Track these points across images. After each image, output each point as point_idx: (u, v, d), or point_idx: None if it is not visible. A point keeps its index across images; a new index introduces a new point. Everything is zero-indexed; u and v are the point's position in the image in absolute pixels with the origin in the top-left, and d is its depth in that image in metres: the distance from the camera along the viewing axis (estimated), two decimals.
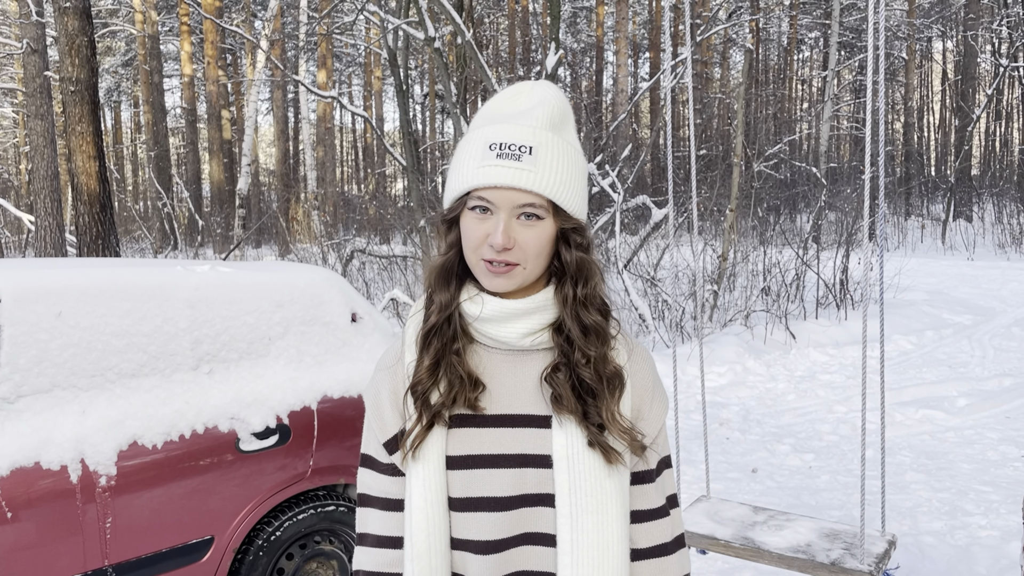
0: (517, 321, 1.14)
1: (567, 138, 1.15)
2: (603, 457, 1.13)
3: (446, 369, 1.14)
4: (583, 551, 1.11)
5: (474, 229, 1.11)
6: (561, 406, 1.13)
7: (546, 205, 1.10)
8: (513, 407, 1.16)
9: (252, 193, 24.03)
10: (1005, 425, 5.71)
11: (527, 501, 1.14)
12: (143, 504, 2.60)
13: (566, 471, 1.12)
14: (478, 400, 1.15)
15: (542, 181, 1.09)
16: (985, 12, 23.73)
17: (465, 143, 1.15)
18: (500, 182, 1.08)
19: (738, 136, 9.57)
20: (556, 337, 1.15)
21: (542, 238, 1.11)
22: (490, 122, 1.14)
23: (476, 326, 1.16)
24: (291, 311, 3.06)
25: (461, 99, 10.08)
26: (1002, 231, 17.52)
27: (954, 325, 9.06)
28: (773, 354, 7.90)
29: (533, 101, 1.14)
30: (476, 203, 1.10)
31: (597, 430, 1.13)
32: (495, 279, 1.11)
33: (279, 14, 22.24)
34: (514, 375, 1.17)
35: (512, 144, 1.10)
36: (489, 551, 1.13)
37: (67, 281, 2.64)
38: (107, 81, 33.83)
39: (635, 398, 1.19)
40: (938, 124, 31.14)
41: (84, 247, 7.20)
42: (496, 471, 1.13)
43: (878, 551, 2.77)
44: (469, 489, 1.14)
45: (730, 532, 2.98)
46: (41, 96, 10.78)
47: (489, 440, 1.14)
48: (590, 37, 33.21)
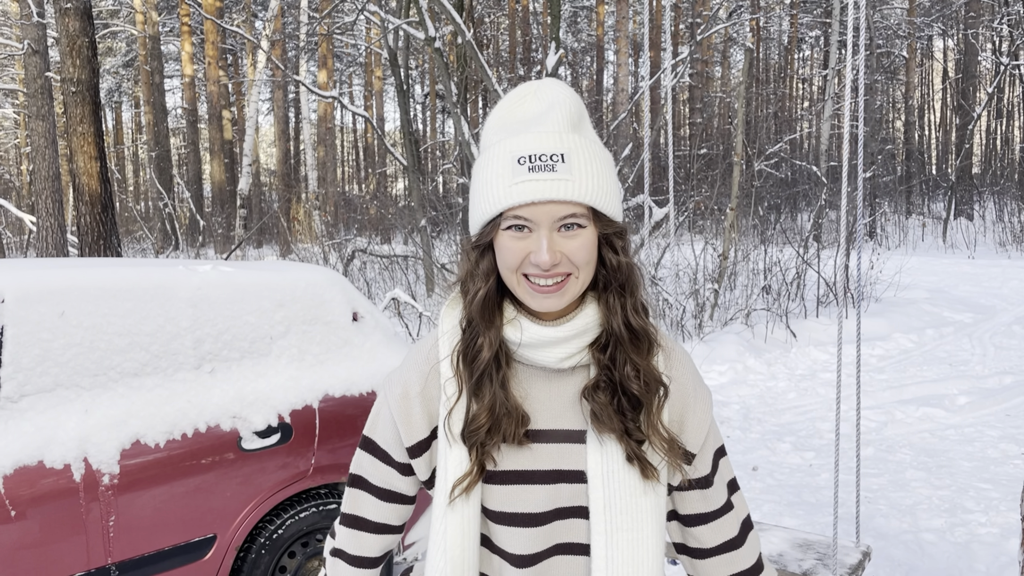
0: (556, 347, 1.10)
1: (590, 137, 1.10)
2: (640, 473, 1.11)
3: (499, 409, 1.11)
4: (618, 567, 1.10)
5: (512, 249, 1.05)
6: (601, 424, 1.11)
7: (587, 213, 1.05)
8: (548, 423, 1.14)
9: (253, 193, 24.06)
10: (1005, 423, 5.72)
11: (560, 514, 1.13)
12: (146, 502, 2.61)
13: (601, 488, 1.10)
14: (523, 432, 1.12)
15: (582, 189, 1.04)
16: (985, 10, 23.72)
17: (487, 161, 1.08)
18: (540, 197, 1.02)
19: (739, 135, 9.58)
20: (597, 354, 1.12)
21: (588, 246, 1.06)
22: (509, 134, 1.08)
23: (517, 351, 1.12)
24: (292, 310, 3.07)
25: (462, 99, 10.09)
26: (1003, 229, 17.53)
27: (955, 323, 9.07)
28: (774, 352, 7.91)
29: (545, 103, 1.08)
30: (512, 223, 1.05)
31: (636, 445, 1.11)
32: (545, 299, 1.06)
33: (280, 14, 22.26)
34: (549, 392, 1.15)
35: (543, 155, 1.04)
36: (525, 564, 1.14)
37: (70, 281, 2.66)
38: (108, 82, 33.86)
39: (677, 402, 1.17)
40: (939, 122, 31.14)
41: (86, 247, 7.22)
42: (532, 487, 1.12)
43: (851, 562, 2.74)
44: (506, 504, 1.13)
45: None
46: (42, 97, 10.80)
47: (525, 457, 1.13)
48: (591, 36, 33.21)
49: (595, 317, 1.11)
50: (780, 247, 10.32)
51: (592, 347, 1.12)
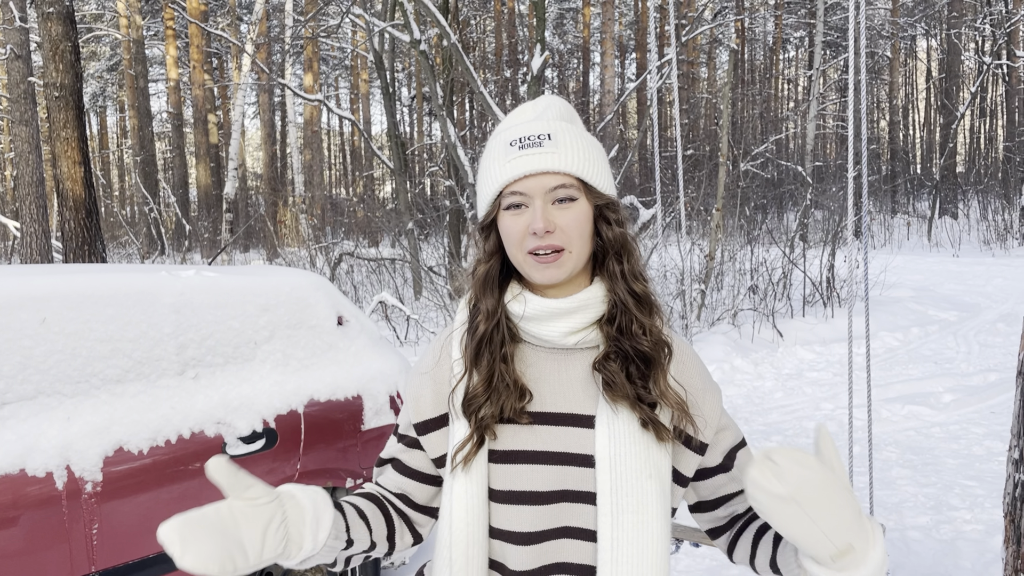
0: (559, 320, 1.16)
1: (580, 127, 1.20)
2: (654, 437, 1.15)
3: (497, 380, 1.17)
4: (623, 548, 1.13)
5: (513, 226, 1.14)
6: (615, 392, 1.15)
7: (576, 184, 1.14)
8: (558, 406, 1.19)
9: (239, 197, 23.97)
10: (990, 420, 5.76)
11: (567, 497, 1.17)
12: (130, 510, 2.60)
13: (608, 471, 1.14)
14: (522, 409, 1.17)
15: (566, 160, 1.13)
16: (968, 10, 23.90)
17: (487, 154, 1.20)
18: (528, 170, 1.13)
19: (724, 135, 9.61)
20: (606, 328, 1.18)
21: (580, 218, 1.14)
22: (505, 130, 1.19)
23: (522, 325, 1.19)
24: (277, 315, 3.06)
25: (448, 101, 10.09)
26: (987, 228, 17.66)
27: (940, 321, 9.13)
28: (760, 352, 7.94)
29: (541, 107, 1.20)
30: (510, 200, 1.14)
31: (649, 409, 1.16)
32: (545, 270, 1.13)
33: (264, 18, 22.18)
34: (558, 374, 1.20)
35: (531, 135, 1.15)
36: (528, 542, 1.17)
37: (51, 287, 2.64)
38: (92, 86, 33.67)
39: (683, 376, 1.22)
40: (923, 122, 31.34)
41: (70, 253, 7.17)
42: (538, 467, 1.17)
43: None
44: (511, 483, 1.17)
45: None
46: (25, 102, 10.72)
47: (533, 437, 1.17)
48: (577, 38, 33.27)
49: (600, 293, 1.18)
50: (766, 247, 10.37)
51: (599, 324, 1.18)
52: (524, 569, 1.18)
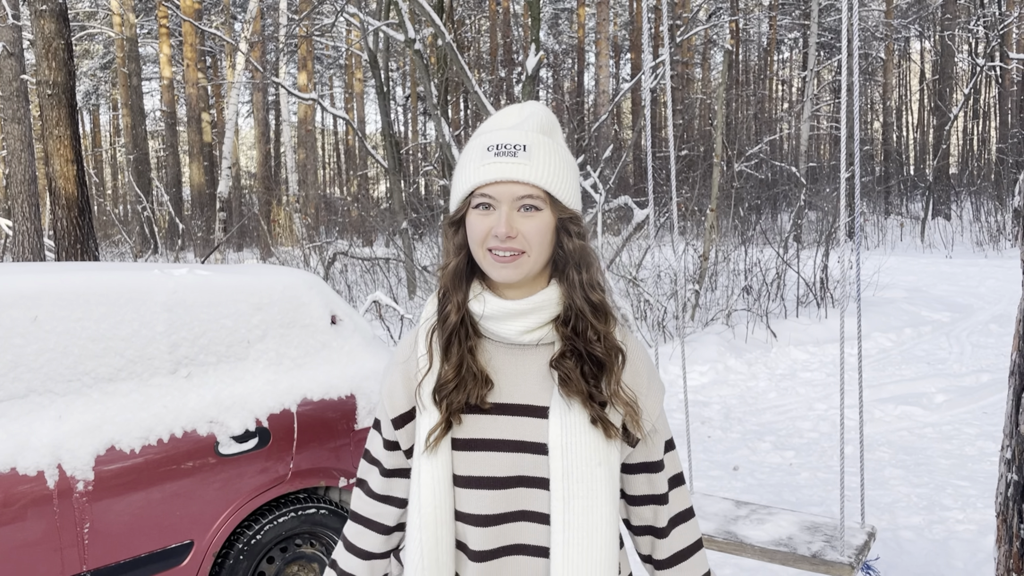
0: (515, 320, 1.25)
1: (557, 140, 1.28)
2: (603, 434, 1.24)
3: (465, 369, 1.25)
4: (573, 530, 1.22)
5: (478, 224, 1.22)
6: (570, 388, 1.23)
7: (543, 196, 1.21)
8: (514, 397, 1.27)
9: (233, 196, 23.91)
10: (983, 420, 5.78)
11: (523, 482, 1.25)
12: (121, 509, 2.59)
13: (560, 459, 1.22)
14: (486, 396, 1.26)
15: (537, 173, 1.20)
16: (962, 12, 23.98)
17: (465, 153, 1.27)
18: (499, 177, 1.20)
19: (718, 136, 9.62)
20: (562, 329, 1.26)
21: (542, 227, 1.22)
22: (486, 132, 1.27)
23: (481, 323, 1.27)
24: (270, 314, 3.05)
25: (442, 100, 10.08)
26: (980, 229, 17.70)
27: (932, 322, 9.15)
28: (754, 353, 7.94)
29: (524, 115, 1.27)
30: (479, 200, 1.22)
31: (600, 407, 1.24)
32: (503, 269, 1.21)
33: (259, 16, 22.15)
34: (515, 368, 1.28)
35: (508, 144, 1.22)
36: (488, 524, 1.25)
37: (43, 285, 2.63)
38: (85, 84, 33.55)
39: (633, 379, 1.30)
40: (916, 123, 31.43)
41: (63, 251, 7.14)
42: (496, 454, 1.25)
43: (858, 543, 2.80)
44: (471, 469, 1.25)
45: (713, 526, 2.99)
46: (18, 100, 10.67)
47: (491, 426, 1.26)
48: (571, 38, 33.27)
49: (555, 296, 1.26)
50: (760, 248, 10.38)
51: (556, 324, 1.26)
52: (484, 549, 1.26)
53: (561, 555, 1.22)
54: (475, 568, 1.27)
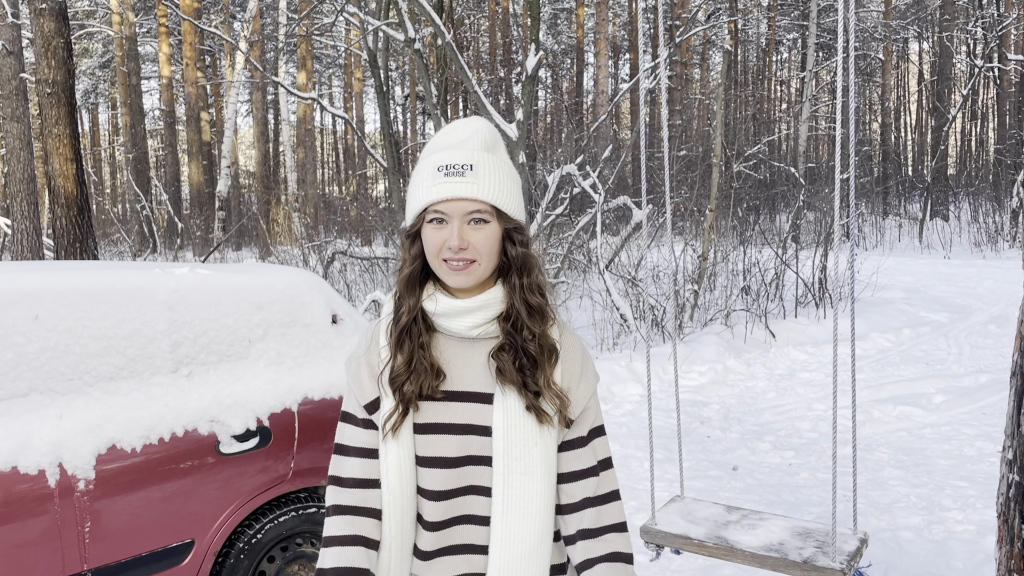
0: (465, 316, 1.41)
1: (501, 157, 1.42)
2: (536, 419, 1.40)
3: (416, 363, 1.40)
4: (512, 503, 1.39)
5: (433, 238, 1.37)
6: (504, 377, 1.40)
7: (490, 210, 1.36)
8: (463, 385, 1.43)
9: (232, 195, 23.88)
10: (981, 421, 5.78)
11: (472, 461, 1.42)
12: (122, 508, 2.58)
13: (502, 439, 1.39)
14: (438, 386, 1.42)
15: (483, 190, 1.35)
16: (960, 13, 24.00)
17: (417, 171, 1.41)
18: (450, 195, 1.35)
19: (717, 137, 9.63)
20: (503, 324, 1.41)
21: (490, 238, 1.37)
22: (435, 151, 1.40)
23: (434, 319, 1.43)
24: (271, 313, 3.05)
25: (442, 100, 10.08)
26: (978, 230, 17.71)
27: (931, 323, 9.16)
28: (753, 353, 7.95)
29: (468, 132, 1.41)
30: (433, 216, 1.37)
31: (533, 396, 1.40)
32: (457, 276, 1.37)
33: (258, 15, 22.13)
34: (464, 359, 1.44)
35: (456, 164, 1.36)
36: (441, 499, 1.42)
37: (44, 284, 2.62)
38: (84, 83, 33.51)
39: (565, 372, 1.45)
40: (915, 124, 31.45)
41: (62, 250, 7.13)
42: (449, 436, 1.41)
43: (850, 549, 2.79)
44: (428, 450, 1.42)
45: (703, 531, 2.98)
46: (17, 98, 10.66)
47: (444, 412, 1.42)
48: (571, 38, 33.26)
49: (499, 295, 1.41)
50: (759, 248, 10.38)
51: (499, 320, 1.42)
52: (438, 520, 1.43)
53: (501, 523, 1.38)
54: (429, 536, 1.44)
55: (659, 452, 5.11)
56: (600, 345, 8.07)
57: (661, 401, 6.42)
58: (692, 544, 2.94)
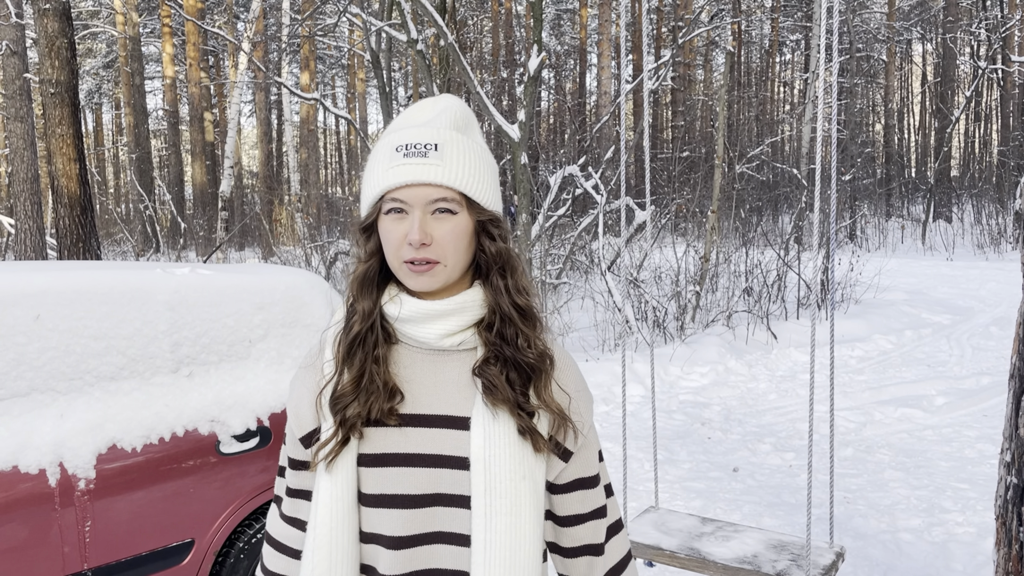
0: (435, 322, 1.16)
1: (473, 138, 1.19)
2: (531, 446, 1.15)
3: (367, 380, 1.15)
4: (495, 551, 1.12)
5: (392, 231, 1.13)
6: (495, 396, 1.14)
7: (458, 199, 1.12)
8: (432, 407, 1.17)
9: (235, 195, 23.91)
10: (983, 423, 5.78)
11: (440, 500, 1.16)
12: (123, 507, 2.59)
13: (482, 472, 1.13)
14: (392, 410, 1.16)
15: (450, 174, 1.12)
16: (964, 14, 23.97)
17: (373, 154, 1.18)
18: (409, 179, 1.11)
19: (720, 138, 9.63)
20: (485, 334, 1.17)
21: (457, 231, 1.12)
22: (395, 131, 1.17)
23: (397, 326, 1.18)
24: (272, 313, 3.06)
25: None
26: (981, 232, 17.70)
27: (933, 325, 9.16)
28: (755, 354, 7.95)
29: (437, 110, 1.18)
30: (391, 205, 1.13)
31: (528, 417, 1.15)
32: (418, 278, 1.12)
33: (261, 16, 22.16)
34: (434, 376, 1.19)
35: (417, 143, 1.13)
36: (400, 546, 1.15)
37: (45, 284, 2.63)
38: (88, 83, 33.57)
39: (565, 385, 1.22)
40: (918, 126, 31.43)
41: (65, 250, 7.15)
42: (410, 470, 1.15)
43: (825, 563, 2.76)
44: (382, 486, 1.15)
45: (676, 543, 2.96)
46: (21, 98, 10.69)
47: (405, 439, 1.16)
48: (574, 39, 33.27)
49: (478, 298, 1.17)
50: (761, 249, 10.38)
51: (478, 328, 1.18)
52: (394, 573, 1.16)
53: (482, 573, 1.12)
54: None
55: (660, 453, 5.11)
56: (602, 346, 8.07)
57: (660, 402, 6.43)
58: (664, 555, 2.91)
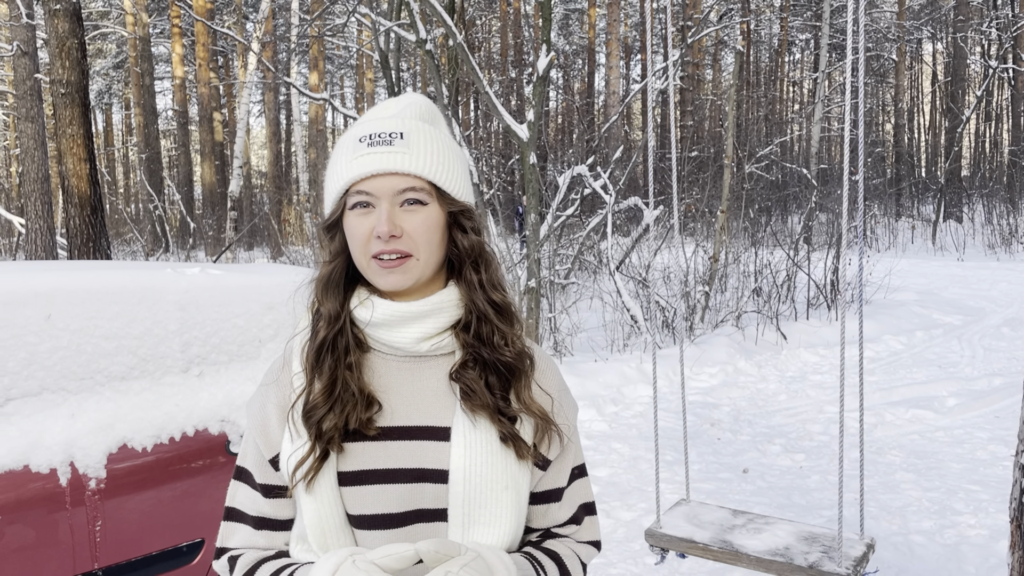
0: (411, 325, 1.09)
1: (441, 129, 1.14)
2: (514, 454, 1.09)
3: (341, 389, 1.08)
4: None
5: (358, 227, 1.06)
6: (473, 402, 1.09)
7: (428, 188, 1.07)
8: (410, 419, 1.10)
9: (244, 195, 23.99)
10: (994, 424, 5.74)
11: (422, 517, 1.09)
12: (133, 507, 2.60)
13: (461, 483, 1.07)
14: (371, 420, 1.09)
15: (417, 162, 1.06)
16: (974, 14, 23.85)
17: (336, 149, 1.13)
18: (375, 168, 1.05)
19: (729, 138, 9.60)
20: (462, 336, 1.11)
21: (428, 222, 1.07)
22: (360, 124, 1.13)
23: (369, 332, 1.11)
24: (282, 313, 3.06)
25: (453, 101, 10.08)
26: (992, 232, 17.61)
27: (944, 325, 9.11)
28: (764, 355, 7.92)
29: (402, 104, 1.14)
30: (356, 199, 1.07)
31: (509, 423, 1.10)
32: (389, 275, 1.06)
33: (270, 16, 22.21)
34: (412, 384, 1.12)
35: (382, 133, 1.08)
36: None
37: (56, 283, 2.64)
38: (98, 83, 33.73)
39: (546, 386, 1.16)
40: (928, 125, 31.28)
41: (75, 250, 7.18)
42: (390, 486, 1.08)
43: (856, 554, 2.77)
44: (363, 506, 1.08)
45: (709, 535, 2.97)
46: (31, 98, 10.74)
47: (384, 454, 1.09)
48: (582, 39, 33.24)
49: (454, 297, 1.11)
50: (771, 249, 10.35)
51: (455, 330, 1.12)
52: None
53: None
54: None
55: (669, 454, 5.09)
56: (610, 346, 8.06)
57: (672, 403, 6.41)
58: (697, 548, 2.92)
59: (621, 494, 4.61)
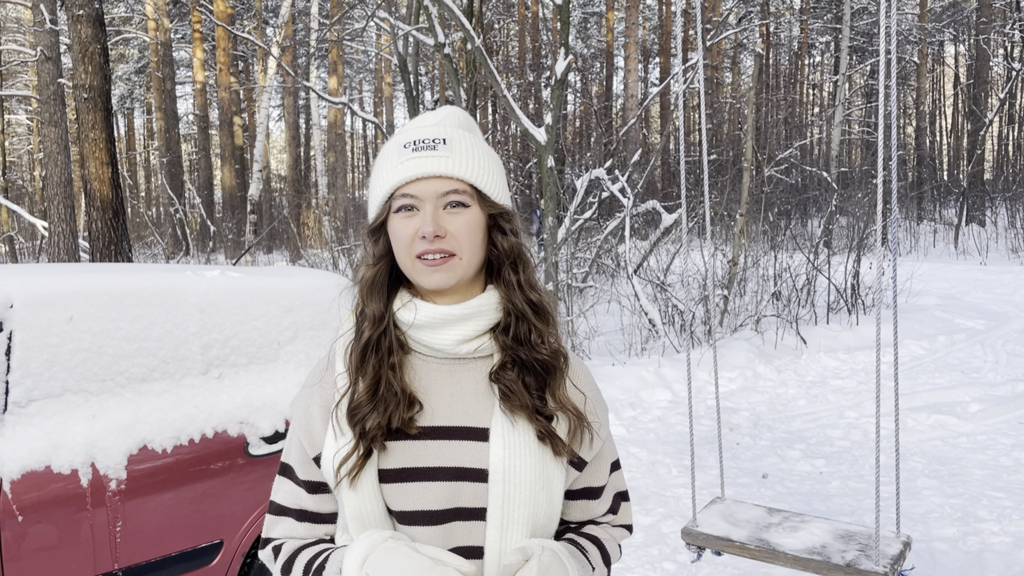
0: (452, 327, 1.13)
1: (479, 138, 1.18)
2: (551, 452, 1.13)
3: (384, 389, 1.12)
4: None
5: (403, 229, 1.11)
6: (513, 402, 1.12)
7: (469, 191, 1.12)
8: (451, 419, 1.14)
9: (264, 199, 24.14)
10: (1018, 431, 5.67)
11: (460, 515, 1.12)
12: (153, 508, 2.61)
13: (501, 483, 1.10)
14: (413, 420, 1.13)
15: (460, 166, 1.11)
16: (997, 16, 23.61)
17: (380, 156, 1.18)
18: (420, 172, 1.10)
19: (749, 140, 9.55)
20: (501, 338, 1.15)
21: (471, 223, 1.11)
22: (403, 132, 1.18)
23: (411, 334, 1.15)
24: (301, 316, 3.07)
25: (471, 105, 10.10)
26: (1015, 235, 17.40)
27: (967, 330, 9.01)
28: (784, 359, 7.86)
29: (442, 115, 1.19)
30: (401, 203, 1.11)
31: (546, 421, 1.13)
32: (433, 274, 1.10)
33: (290, 21, 22.33)
34: (451, 386, 1.15)
35: (426, 139, 1.12)
36: None
37: (78, 286, 2.66)
38: (120, 88, 34.06)
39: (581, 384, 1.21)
40: (950, 128, 30.97)
41: (97, 252, 7.24)
42: (430, 484, 1.12)
43: (893, 552, 2.76)
44: (404, 503, 1.12)
45: (745, 534, 2.96)
46: (55, 103, 10.86)
47: (425, 452, 1.12)
48: (600, 42, 33.22)
49: (494, 301, 1.14)
50: (790, 253, 10.28)
51: (494, 333, 1.15)
52: None
53: None
54: None
55: (687, 459, 5.07)
56: (628, 350, 8.03)
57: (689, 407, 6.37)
58: (734, 546, 2.91)
59: (639, 499, 4.59)
